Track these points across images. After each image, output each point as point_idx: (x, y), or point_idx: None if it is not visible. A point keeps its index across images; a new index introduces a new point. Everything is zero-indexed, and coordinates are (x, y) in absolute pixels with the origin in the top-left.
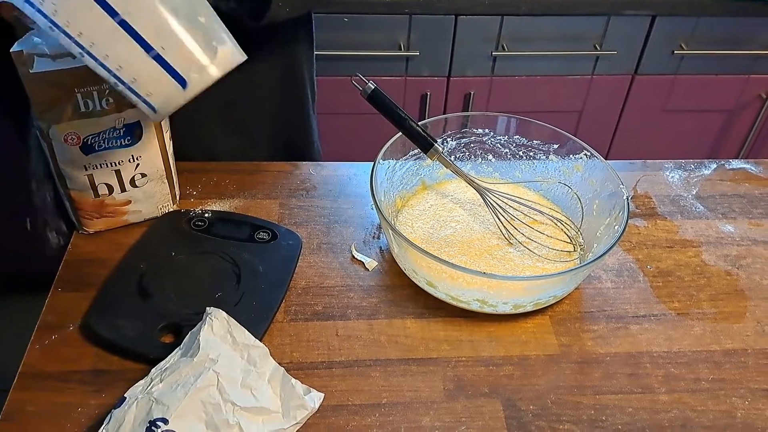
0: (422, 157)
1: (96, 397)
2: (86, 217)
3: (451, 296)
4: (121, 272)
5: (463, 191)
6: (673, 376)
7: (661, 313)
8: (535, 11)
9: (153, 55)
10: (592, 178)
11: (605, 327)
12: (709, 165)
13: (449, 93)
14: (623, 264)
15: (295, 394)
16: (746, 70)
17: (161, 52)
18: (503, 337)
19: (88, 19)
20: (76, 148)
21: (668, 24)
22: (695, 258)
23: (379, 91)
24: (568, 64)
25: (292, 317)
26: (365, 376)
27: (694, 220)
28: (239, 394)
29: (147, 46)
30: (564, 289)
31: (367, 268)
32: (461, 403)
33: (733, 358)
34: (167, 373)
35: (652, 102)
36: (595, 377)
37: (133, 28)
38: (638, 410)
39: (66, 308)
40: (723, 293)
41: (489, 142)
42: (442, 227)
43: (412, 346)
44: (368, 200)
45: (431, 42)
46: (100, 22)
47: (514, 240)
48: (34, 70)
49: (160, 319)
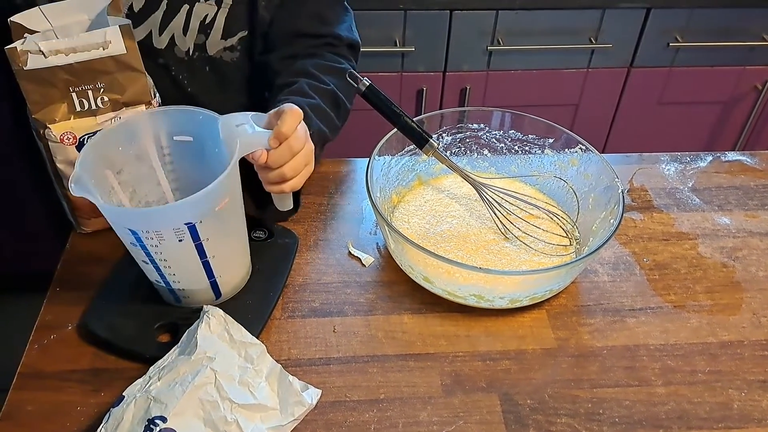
0: (418, 153)
1: (95, 396)
2: (84, 216)
3: (448, 291)
4: (117, 272)
5: (459, 186)
6: (669, 368)
7: (658, 306)
8: (529, 5)
9: (211, 282)
10: (588, 171)
11: (602, 320)
12: (705, 157)
13: (445, 88)
14: (619, 257)
15: (292, 391)
16: (741, 61)
17: (218, 280)
18: (500, 332)
19: (176, 249)
20: (73, 148)
21: (663, 16)
22: (691, 250)
23: (374, 88)
24: (563, 57)
25: (289, 314)
26: (363, 372)
27: (690, 212)
28: (237, 391)
29: (211, 274)
30: (560, 283)
31: (364, 264)
32: (459, 397)
33: (729, 349)
34: (165, 372)
35: (647, 95)
36: (592, 371)
37: (210, 265)
38: (635, 403)
39: (64, 308)
40: (719, 285)
41: (484, 137)
42: (439, 223)
43: (409, 342)
44: (364, 196)
45: (426, 37)
46: (186, 253)
47: (510, 234)
48: (28, 67)
49: (157, 319)
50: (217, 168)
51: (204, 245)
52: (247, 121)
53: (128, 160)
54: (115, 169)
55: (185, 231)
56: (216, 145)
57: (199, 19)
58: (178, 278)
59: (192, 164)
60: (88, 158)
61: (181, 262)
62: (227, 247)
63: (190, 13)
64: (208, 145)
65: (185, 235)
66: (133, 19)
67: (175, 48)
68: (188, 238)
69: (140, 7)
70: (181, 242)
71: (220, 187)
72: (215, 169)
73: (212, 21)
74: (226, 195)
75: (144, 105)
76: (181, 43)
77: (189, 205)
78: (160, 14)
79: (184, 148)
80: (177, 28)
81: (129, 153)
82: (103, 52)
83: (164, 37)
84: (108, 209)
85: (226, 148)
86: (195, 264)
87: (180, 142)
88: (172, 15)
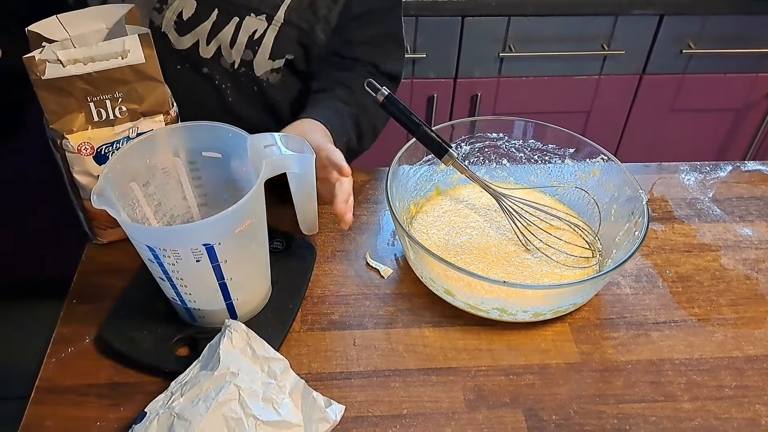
0: (436, 163)
1: (114, 411)
2: (100, 227)
3: (470, 305)
4: (135, 284)
5: (478, 197)
6: (695, 383)
7: (682, 319)
8: (542, 12)
9: (227, 304)
10: (610, 182)
11: (625, 334)
12: (725, 167)
13: (456, 95)
14: (642, 269)
15: (316, 407)
16: (754, 68)
17: (234, 302)
18: (523, 346)
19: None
20: (90, 159)
21: (676, 23)
22: (714, 262)
23: (393, 97)
24: (575, 64)
25: (308, 327)
26: (385, 387)
27: (712, 223)
28: (261, 407)
29: (227, 296)
30: (584, 297)
31: (382, 276)
32: (482, 413)
33: (756, 364)
34: (187, 387)
35: (660, 102)
36: (617, 386)
37: (227, 287)
38: (661, 419)
39: (81, 321)
40: (743, 298)
41: (503, 146)
42: (458, 234)
43: (431, 356)
44: (381, 206)
45: (438, 44)
46: (202, 274)
47: (531, 246)
48: (46, 77)
49: (176, 332)
50: (244, 186)
51: (222, 267)
52: (275, 143)
53: (155, 174)
54: (141, 182)
55: (203, 252)
56: (244, 163)
57: (248, 33)
58: (194, 298)
59: (219, 181)
60: (114, 170)
61: (197, 282)
62: (246, 270)
63: (240, 26)
64: (236, 163)
65: (203, 255)
66: (181, 26)
67: (221, 59)
68: (206, 258)
69: (189, 16)
70: (198, 263)
71: (242, 209)
72: (242, 187)
73: (261, 38)
74: (249, 217)
75: (162, 115)
76: (228, 55)
77: (207, 227)
78: (209, 24)
79: (213, 164)
80: (224, 40)
81: (156, 166)
82: (122, 61)
83: (211, 47)
84: (126, 225)
85: (253, 168)
86: (212, 285)
87: (208, 158)
88: (221, 26)
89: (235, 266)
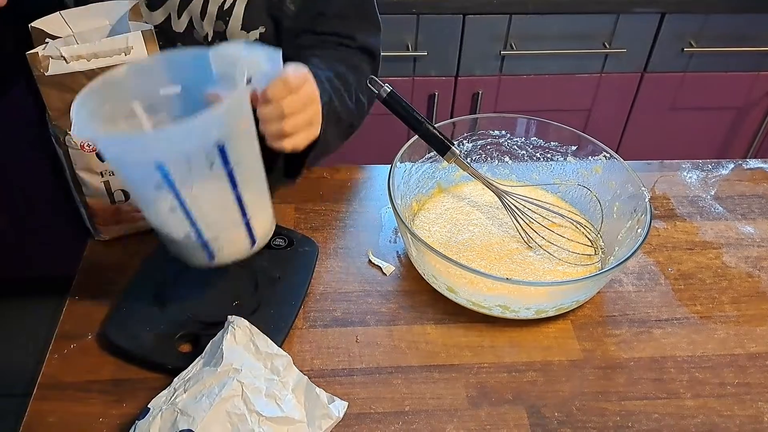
0: (438, 160)
1: (117, 407)
2: (102, 223)
3: (473, 302)
4: (137, 281)
5: (480, 194)
6: (698, 380)
7: (684, 317)
8: (543, 10)
9: (245, 221)
10: (612, 180)
11: (628, 331)
12: (727, 165)
13: (457, 93)
14: (644, 267)
15: (319, 404)
16: (755, 67)
17: (250, 220)
18: (525, 343)
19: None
20: (93, 155)
21: (677, 21)
22: (716, 260)
23: (395, 94)
24: (576, 62)
25: (311, 323)
26: (387, 384)
27: (714, 221)
28: (264, 403)
29: (244, 212)
30: (587, 294)
31: (384, 273)
32: (485, 410)
33: (758, 361)
34: (191, 383)
35: (661, 100)
36: (620, 383)
37: (242, 200)
38: (664, 416)
39: (83, 317)
40: (745, 296)
41: (505, 143)
42: (460, 231)
43: (433, 353)
44: (383, 203)
45: (439, 42)
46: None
47: (533, 243)
48: (49, 73)
49: (178, 329)
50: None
51: (234, 172)
52: (240, 46)
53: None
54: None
55: (216, 155)
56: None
57: (217, 4)
58: (211, 222)
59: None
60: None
61: (213, 198)
62: (255, 178)
63: None
64: (202, 92)
65: (216, 159)
66: (152, 2)
67: (194, 32)
68: (218, 164)
69: None
70: (212, 170)
71: (239, 102)
72: None
73: (230, 8)
74: (247, 113)
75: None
76: (200, 27)
77: (214, 119)
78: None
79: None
80: (195, 11)
81: (118, 114)
82: (125, 57)
83: (183, 20)
84: (133, 138)
85: (225, 85)
86: (227, 198)
87: (169, 97)
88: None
89: (246, 171)
